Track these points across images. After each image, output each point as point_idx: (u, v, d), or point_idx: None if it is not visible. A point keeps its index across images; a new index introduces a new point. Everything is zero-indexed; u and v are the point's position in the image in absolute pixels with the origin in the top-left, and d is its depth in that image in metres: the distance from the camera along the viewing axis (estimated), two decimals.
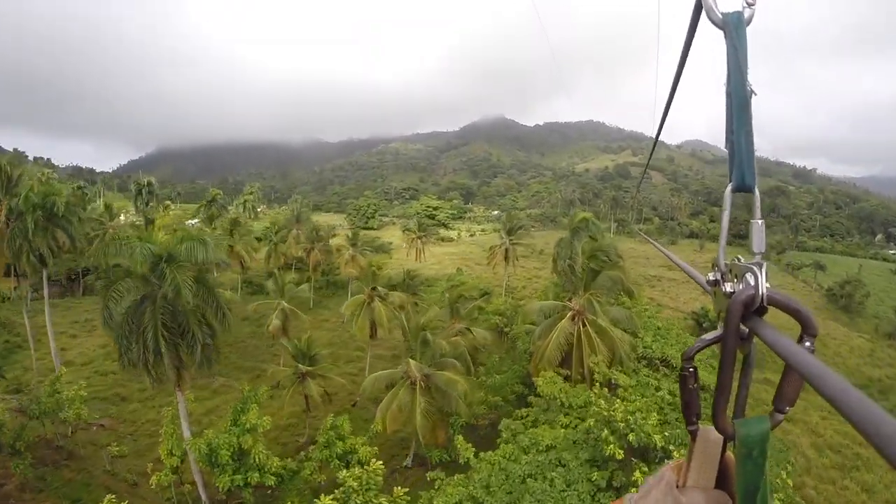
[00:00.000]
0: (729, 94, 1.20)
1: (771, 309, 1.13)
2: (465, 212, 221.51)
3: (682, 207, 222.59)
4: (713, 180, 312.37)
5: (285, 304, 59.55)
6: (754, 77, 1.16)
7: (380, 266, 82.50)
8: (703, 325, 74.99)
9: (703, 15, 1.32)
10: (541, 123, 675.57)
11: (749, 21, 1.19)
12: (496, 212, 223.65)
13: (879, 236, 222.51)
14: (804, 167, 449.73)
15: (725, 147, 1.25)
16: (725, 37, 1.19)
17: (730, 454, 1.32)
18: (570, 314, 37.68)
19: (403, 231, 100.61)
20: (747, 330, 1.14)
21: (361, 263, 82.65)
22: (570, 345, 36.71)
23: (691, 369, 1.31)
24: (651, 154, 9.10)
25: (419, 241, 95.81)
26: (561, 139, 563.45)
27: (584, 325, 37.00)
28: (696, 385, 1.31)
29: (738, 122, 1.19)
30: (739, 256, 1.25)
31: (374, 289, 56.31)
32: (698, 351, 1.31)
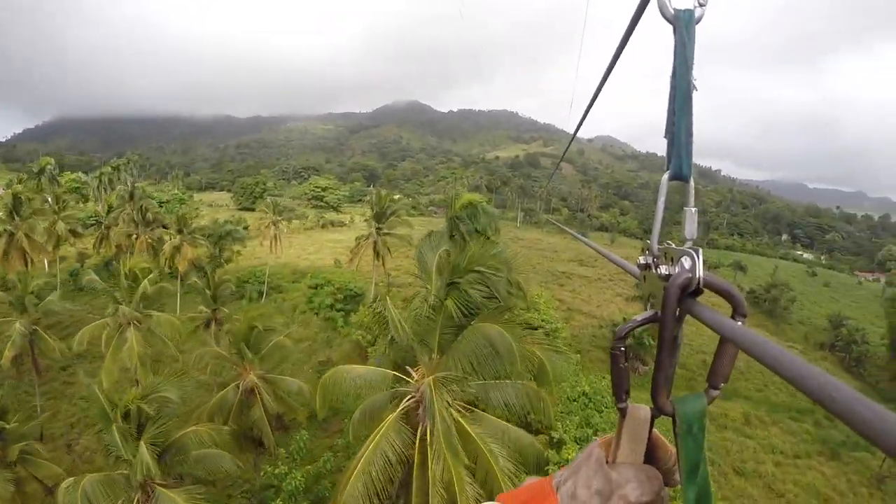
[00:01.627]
0: (673, 87, 1.21)
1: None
2: (366, 195, 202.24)
3: (593, 199, 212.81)
4: (623, 175, 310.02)
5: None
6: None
7: (211, 258, 63.67)
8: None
9: (649, 11, 1.31)
10: (455, 110, 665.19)
11: (699, 20, 1.20)
12: (397, 195, 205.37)
13: (785, 237, 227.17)
14: (710, 167, 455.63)
15: (665, 137, 1.25)
16: (675, 32, 1.19)
17: (656, 431, 1.34)
18: (403, 407, 18.59)
19: (261, 214, 77.47)
20: (678, 311, 1.16)
21: (189, 255, 62.96)
22: (404, 467, 17.70)
23: (622, 349, 1.32)
24: (572, 139, 6.86)
25: (274, 226, 73.67)
26: (474, 127, 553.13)
27: (429, 435, 17.37)
28: (626, 364, 1.32)
29: (679, 114, 1.21)
30: (670, 242, 1.28)
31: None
32: (630, 331, 1.33)
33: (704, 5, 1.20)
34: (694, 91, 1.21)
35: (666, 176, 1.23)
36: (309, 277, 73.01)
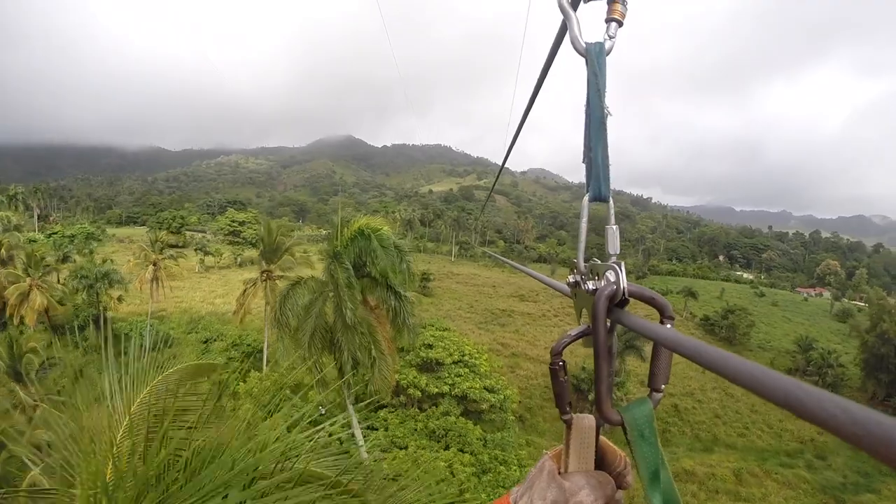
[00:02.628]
0: (588, 115, 1.26)
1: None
2: (294, 230, 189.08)
3: (529, 230, 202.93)
4: (558, 205, 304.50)
5: None
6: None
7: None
8: (581, 387, 55.49)
9: (563, 47, 1.38)
10: (389, 145, 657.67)
11: (609, 51, 1.26)
12: (324, 232, 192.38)
13: (722, 258, 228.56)
14: (641, 195, 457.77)
15: (583, 162, 1.30)
16: (587, 64, 1.26)
17: (603, 437, 1.36)
18: None
19: (137, 253, 61.57)
20: (609, 322, 1.19)
21: (37, 304, 49.02)
22: None
23: (561, 363, 1.33)
24: (501, 168, 7.56)
25: (153, 266, 58.39)
26: (408, 161, 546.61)
27: None
28: (566, 377, 1.33)
29: (595, 139, 1.26)
30: (596, 259, 1.32)
31: None
32: (566, 346, 1.34)
33: (614, 38, 1.28)
34: (608, 117, 1.25)
35: (586, 198, 1.28)
36: (201, 328, 59.91)
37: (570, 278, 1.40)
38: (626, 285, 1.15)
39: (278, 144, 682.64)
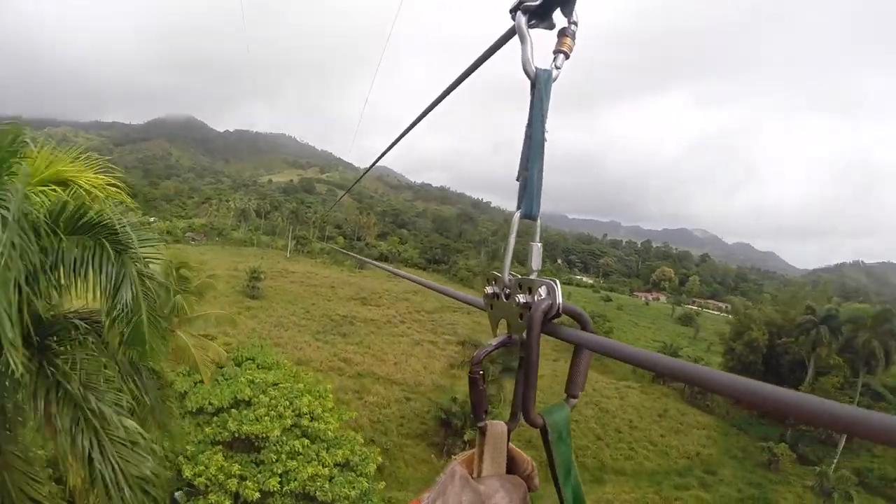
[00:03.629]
0: (528, 136, 1.33)
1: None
2: None
3: (371, 227, 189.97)
4: (400, 203, 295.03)
5: None
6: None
7: None
8: (452, 422, 44.48)
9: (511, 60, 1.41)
10: (232, 130, 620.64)
11: (555, 80, 1.33)
12: (153, 219, 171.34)
13: (560, 262, 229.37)
14: (481, 199, 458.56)
15: (517, 180, 1.36)
16: (534, 88, 1.32)
17: (511, 444, 1.40)
18: None
19: None
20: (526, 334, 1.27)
21: None
22: None
23: (481, 372, 1.36)
24: (368, 170, 7.96)
25: None
26: (250, 148, 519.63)
27: None
28: (484, 386, 1.37)
29: (532, 160, 1.32)
30: (514, 273, 1.39)
31: None
32: (487, 355, 1.38)
33: (560, 69, 1.34)
34: (546, 141, 1.33)
35: (517, 214, 1.34)
36: None
37: (489, 290, 1.45)
38: (560, 301, 1.21)
39: (114, 120, 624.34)
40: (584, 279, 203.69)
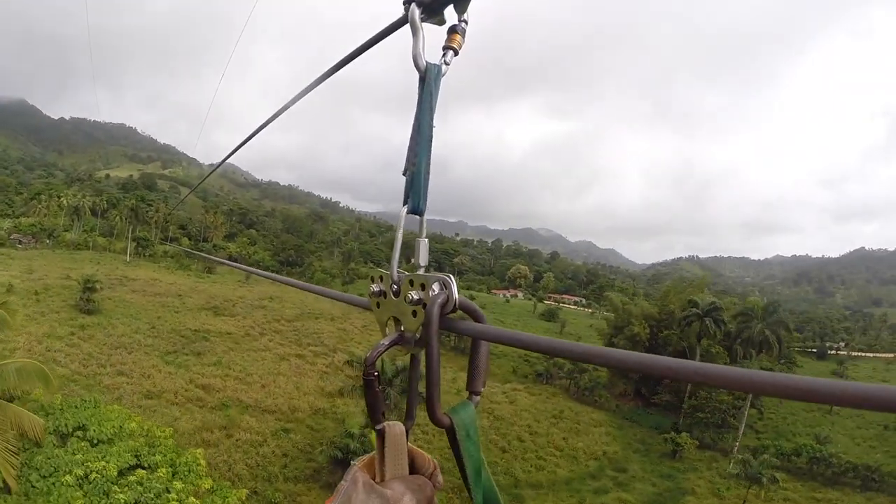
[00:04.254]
0: (416, 131, 1.31)
1: None
2: None
3: (218, 227, 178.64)
4: (248, 202, 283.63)
5: None
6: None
7: None
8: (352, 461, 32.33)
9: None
10: (68, 118, 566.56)
11: (444, 75, 1.31)
12: None
13: (413, 262, 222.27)
14: (330, 198, 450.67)
15: (403, 174, 1.35)
16: (423, 82, 1.30)
17: (410, 444, 1.37)
18: None
19: None
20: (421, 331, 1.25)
21: None
22: None
23: (375, 374, 1.33)
24: (217, 167, 7.86)
25: None
26: (87, 140, 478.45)
27: None
28: (380, 387, 1.34)
29: (421, 155, 1.31)
30: (401, 271, 1.36)
31: None
32: (380, 355, 1.33)
33: (449, 64, 1.33)
34: (433, 137, 1.32)
35: (404, 210, 1.33)
36: None
37: (374, 287, 1.42)
38: (457, 297, 1.19)
39: None
40: None
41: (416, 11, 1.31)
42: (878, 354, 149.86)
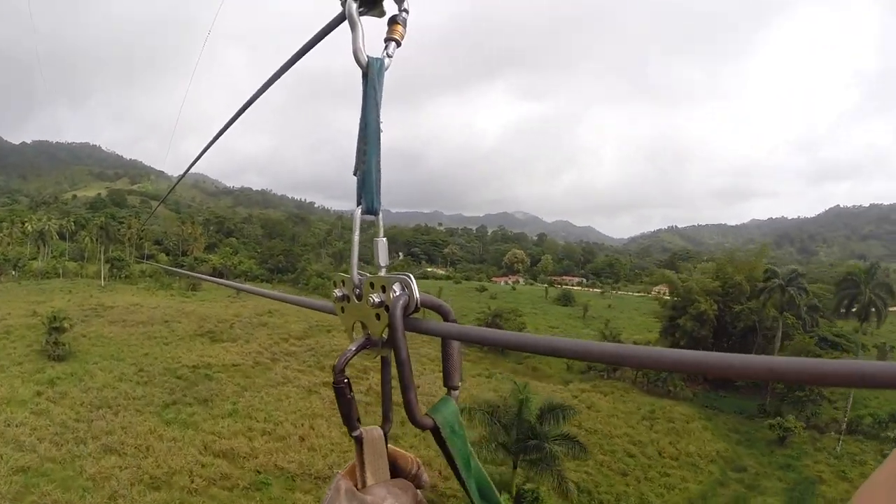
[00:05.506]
0: (363, 128, 1.27)
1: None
2: None
3: (197, 238, 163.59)
4: (223, 210, 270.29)
5: None
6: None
7: None
8: None
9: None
10: (29, 142, 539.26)
11: (387, 68, 1.27)
12: None
13: (402, 256, 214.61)
14: (305, 199, 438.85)
15: (354, 174, 1.31)
16: (366, 78, 1.26)
17: (391, 446, 1.35)
18: None
19: None
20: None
21: None
22: None
23: (346, 381, 1.29)
24: (180, 178, 7.22)
25: None
26: (51, 162, 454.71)
27: None
28: (352, 394, 1.30)
29: (370, 153, 1.26)
30: (363, 273, 1.32)
31: None
32: (348, 361, 1.30)
33: (392, 57, 1.28)
34: (381, 132, 1.27)
35: (358, 211, 1.28)
36: None
37: (338, 292, 1.37)
38: (418, 296, 1.15)
39: None
40: (438, 270, 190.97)
41: (352, 6, 1.27)
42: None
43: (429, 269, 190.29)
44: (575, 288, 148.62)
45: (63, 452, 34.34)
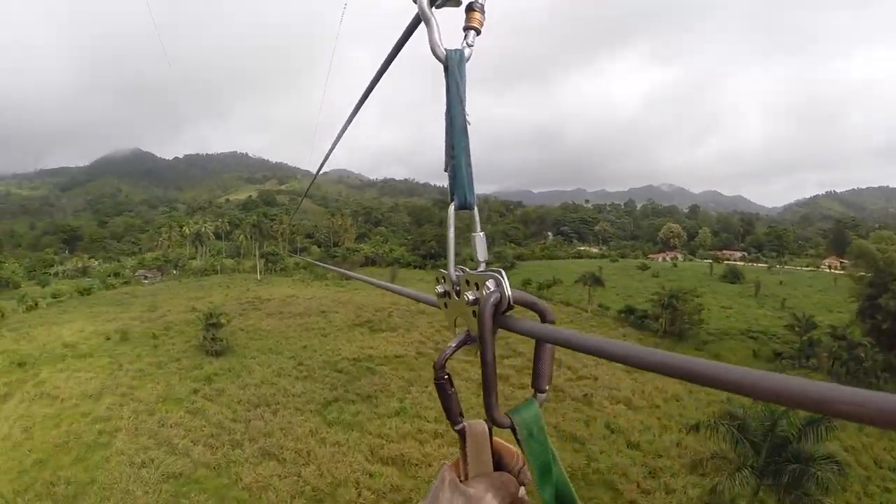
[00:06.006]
0: (449, 123, 1.24)
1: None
2: (51, 265, 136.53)
3: (349, 229, 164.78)
4: (369, 202, 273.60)
5: None
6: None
7: None
8: None
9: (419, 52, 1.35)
10: (181, 156, 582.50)
11: (468, 59, 1.24)
12: (96, 262, 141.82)
13: (551, 235, 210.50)
14: (446, 186, 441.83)
15: (445, 171, 1.28)
16: (447, 71, 1.23)
17: (497, 439, 1.32)
18: None
19: None
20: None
21: None
22: None
23: (446, 376, 1.28)
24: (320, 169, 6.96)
25: None
26: (202, 172, 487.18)
27: None
28: (453, 389, 1.29)
29: (458, 147, 1.24)
30: (463, 268, 1.30)
31: None
32: (448, 358, 1.29)
33: (472, 46, 1.24)
34: (469, 125, 1.24)
35: (452, 207, 1.26)
36: None
37: (439, 288, 1.35)
38: (510, 293, 1.12)
39: (59, 165, 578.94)
40: (591, 249, 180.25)
41: (424, 1, 1.25)
42: None
43: (581, 248, 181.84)
44: (738, 263, 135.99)
45: (218, 457, 30.58)
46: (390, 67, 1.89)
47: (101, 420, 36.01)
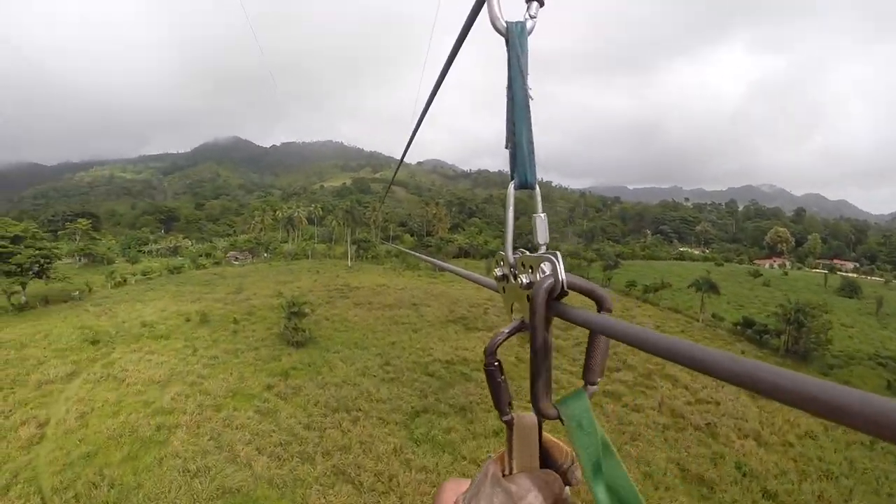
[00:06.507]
0: (510, 99, 1.20)
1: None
2: (146, 243, 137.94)
3: (443, 218, 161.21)
4: (462, 192, 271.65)
5: None
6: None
7: None
8: None
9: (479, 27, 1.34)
10: (278, 144, 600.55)
11: (531, 31, 1.20)
12: (190, 242, 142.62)
13: (650, 234, 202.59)
14: (542, 179, 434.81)
15: (506, 148, 1.21)
16: (508, 44, 1.19)
17: (547, 434, 1.25)
18: None
19: None
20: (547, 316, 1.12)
21: None
22: None
23: (496, 363, 1.23)
24: (406, 150, 6.05)
25: None
26: (299, 159, 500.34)
27: None
28: (503, 377, 1.24)
29: (519, 124, 1.19)
30: (522, 250, 1.24)
31: None
32: (500, 344, 1.23)
33: (535, 17, 1.20)
34: (531, 100, 1.19)
35: (512, 186, 1.19)
36: None
37: (498, 271, 1.31)
38: (564, 277, 1.05)
39: (161, 151, 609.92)
40: (692, 251, 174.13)
41: None
42: None
43: (682, 249, 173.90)
44: (851, 274, 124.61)
45: (284, 472, 25.66)
46: (460, 51, 1.88)
47: (163, 412, 32.02)
